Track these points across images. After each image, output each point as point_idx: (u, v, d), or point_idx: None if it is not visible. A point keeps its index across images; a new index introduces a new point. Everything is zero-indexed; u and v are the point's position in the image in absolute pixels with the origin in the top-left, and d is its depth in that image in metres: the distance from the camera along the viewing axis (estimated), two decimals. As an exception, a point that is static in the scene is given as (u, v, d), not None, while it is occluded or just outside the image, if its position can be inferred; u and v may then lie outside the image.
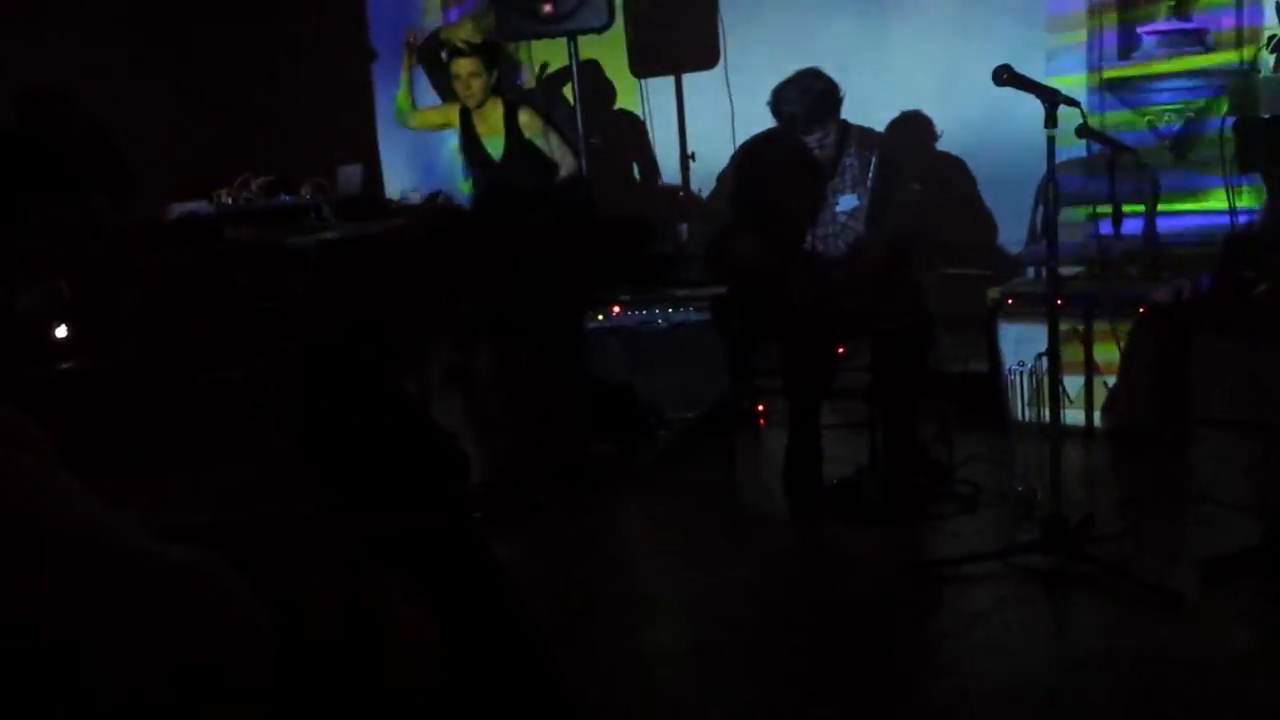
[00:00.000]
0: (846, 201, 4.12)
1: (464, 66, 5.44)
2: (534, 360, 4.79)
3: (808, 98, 4.05)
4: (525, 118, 5.50)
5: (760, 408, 4.76)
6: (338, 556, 1.41)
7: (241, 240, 5.55)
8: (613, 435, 4.59)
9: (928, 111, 5.63)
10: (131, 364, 4.76)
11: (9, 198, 5.09)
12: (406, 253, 5.66)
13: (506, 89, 5.96)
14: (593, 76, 6.23)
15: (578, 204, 5.23)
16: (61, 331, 4.87)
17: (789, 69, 4.22)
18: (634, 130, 6.55)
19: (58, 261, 4.99)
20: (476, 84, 5.45)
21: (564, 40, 5.76)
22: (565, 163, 5.49)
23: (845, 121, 4.13)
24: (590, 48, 5.99)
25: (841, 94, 4.08)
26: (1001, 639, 2.91)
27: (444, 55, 5.77)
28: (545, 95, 6.44)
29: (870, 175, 4.13)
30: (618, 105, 6.62)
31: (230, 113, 6.50)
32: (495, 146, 5.53)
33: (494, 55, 5.59)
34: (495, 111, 5.51)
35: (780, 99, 4.09)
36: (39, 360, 4.79)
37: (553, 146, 5.49)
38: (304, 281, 5.12)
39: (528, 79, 6.77)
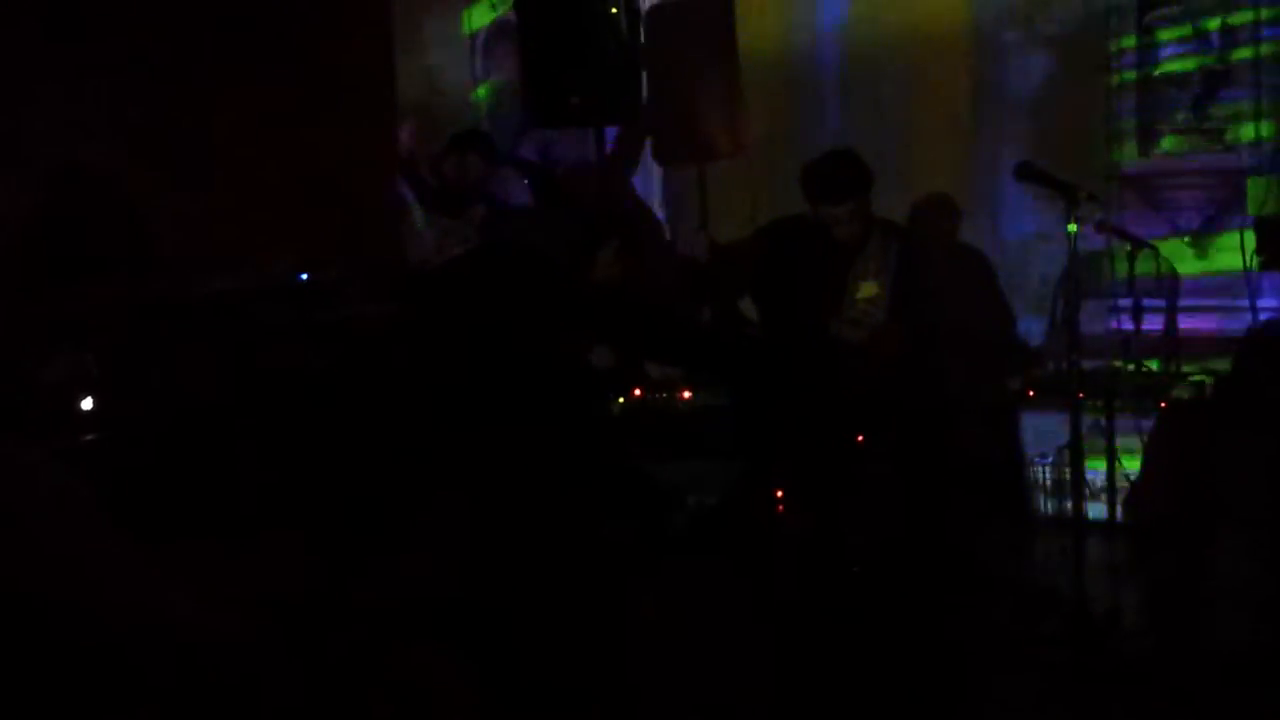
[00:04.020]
0: (867, 289, 4.14)
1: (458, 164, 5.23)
2: (554, 444, 4.78)
3: (834, 173, 4.08)
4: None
5: (779, 493, 4.74)
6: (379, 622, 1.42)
7: (267, 317, 5.58)
8: (628, 519, 4.57)
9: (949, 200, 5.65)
10: (157, 437, 4.77)
11: (36, 272, 5.15)
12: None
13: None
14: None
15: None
16: (87, 404, 4.90)
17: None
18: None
19: (83, 335, 5.04)
20: (475, 174, 5.21)
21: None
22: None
23: (870, 207, 4.17)
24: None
25: (871, 176, 4.10)
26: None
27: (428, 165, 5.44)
28: None
29: (891, 263, 4.15)
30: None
31: (256, 188, 6.55)
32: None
33: (489, 143, 5.50)
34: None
35: (809, 177, 4.12)
36: (63, 432, 4.82)
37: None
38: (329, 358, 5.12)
39: None
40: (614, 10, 5.54)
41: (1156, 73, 5.36)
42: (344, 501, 4.68)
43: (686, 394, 4.83)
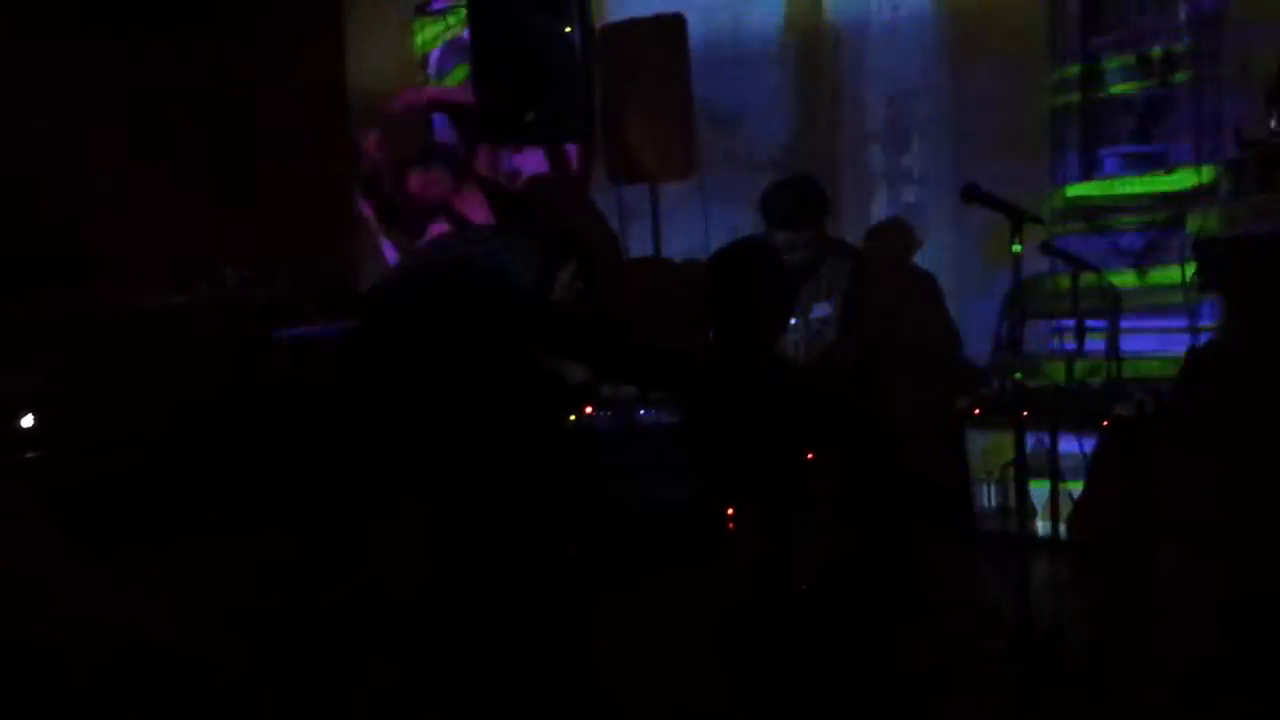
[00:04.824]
0: (821, 309, 4.20)
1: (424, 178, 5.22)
2: (513, 460, 4.78)
3: (793, 201, 4.15)
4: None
5: (729, 511, 4.76)
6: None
7: (215, 333, 5.54)
8: (581, 537, 4.57)
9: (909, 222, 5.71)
10: (110, 448, 4.72)
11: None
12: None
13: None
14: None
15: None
16: (27, 421, 4.84)
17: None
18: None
19: (29, 350, 4.98)
20: (440, 189, 5.18)
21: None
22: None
23: (826, 232, 4.23)
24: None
25: (828, 202, 4.18)
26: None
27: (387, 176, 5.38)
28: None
29: (842, 283, 4.22)
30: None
31: (211, 202, 6.51)
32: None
33: (456, 158, 5.47)
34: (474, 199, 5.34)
35: (768, 203, 4.19)
36: (4, 449, 4.75)
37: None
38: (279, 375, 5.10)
39: None
40: (568, 28, 5.57)
41: (1100, 96, 5.45)
42: (304, 513, 4.66)
43: (639, 412, 4.86)
